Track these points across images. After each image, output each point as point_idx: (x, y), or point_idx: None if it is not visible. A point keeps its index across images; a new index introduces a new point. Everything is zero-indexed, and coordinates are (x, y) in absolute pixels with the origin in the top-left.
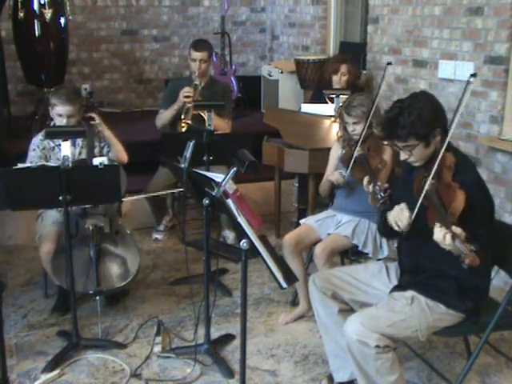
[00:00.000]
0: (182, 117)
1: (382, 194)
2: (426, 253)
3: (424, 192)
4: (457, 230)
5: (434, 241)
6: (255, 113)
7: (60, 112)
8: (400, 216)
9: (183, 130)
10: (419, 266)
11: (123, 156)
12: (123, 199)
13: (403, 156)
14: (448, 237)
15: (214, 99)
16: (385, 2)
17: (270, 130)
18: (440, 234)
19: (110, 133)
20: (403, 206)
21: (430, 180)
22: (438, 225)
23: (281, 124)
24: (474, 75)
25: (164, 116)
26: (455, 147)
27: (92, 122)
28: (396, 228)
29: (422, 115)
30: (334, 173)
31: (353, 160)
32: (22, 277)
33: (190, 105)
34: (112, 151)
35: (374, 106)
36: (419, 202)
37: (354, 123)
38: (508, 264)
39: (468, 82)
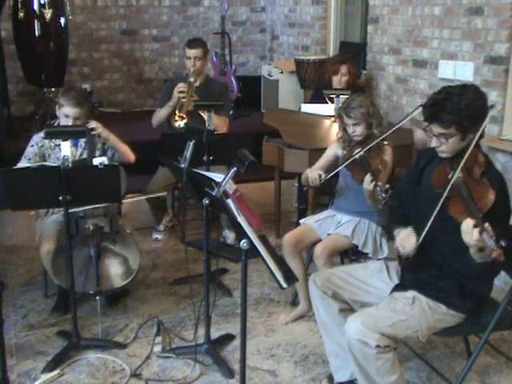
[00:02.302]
0: (176, 112)
1: (384, 195)
2: (434, 248)
3: (451, 183)
4: (485, 224)
5: (451, 234)
6: (255, 113)
7: (67, 113)
8: (407, 241)
9: (176, 124)
10: (424, 263)
11: (130, 156)
12: (123, 200)
13: (435, 143)
14: (476, 230)
15: (210, 98)
16: (385, 2)
17: (270, 129)
18: (469, 226)
19: (114, 137)
20: (411, 231)
21: (458, 172)
22: (467, 217)
23: (281, 124)
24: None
25: (160, 114)
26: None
27: (93, 133)
28: (401, 250)
29: (471, 107)
30: (313, 170)
31: (351, 160)
32: (22, 277)
33: (184, 100)
34: (118, 154)
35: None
36: (445, 193)
37: (354, 124)
38: (508, 264)
39: None
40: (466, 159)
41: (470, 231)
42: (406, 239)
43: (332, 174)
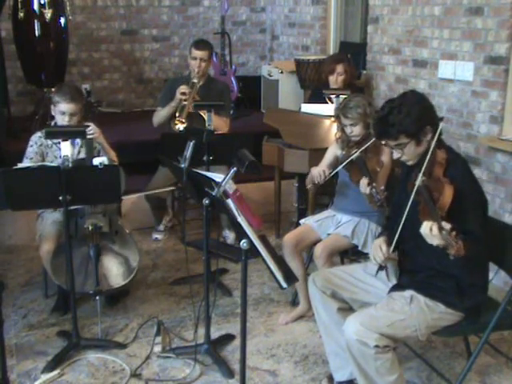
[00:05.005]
0: (177, 114)
1: (379, 197)
2: (425, 251)
3: (415, 188)
4: (443, 222)
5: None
6: (255, 113)
7: (63, 110)
8: (378, 250)
9: (176, 127)
10: (418, 266)
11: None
12: (124, 197)
13: (396, 155)
14: (434, 228)
15: (211, 98)
16: (385, 2)
17: (270, 129)
18: (427, 228)
19: (106, 144)
20: (382, 240)
21: (420, 176)
22: (426, 219)
23: (281, 124)
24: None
25: (161, 114)
26: (448, 145)
27: (89, 137)
28: (373, 262)
29: (411, 113)
30: (316, 168)
31: (348, 160)
32: (21, 277)
33: (185, 102)
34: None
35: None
36: (411, 199)
37: (351, 125)
38: (508, 264)
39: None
40: (426, 163)
41: (427, 233)
42: (378, 248)
43: (334, 172)
